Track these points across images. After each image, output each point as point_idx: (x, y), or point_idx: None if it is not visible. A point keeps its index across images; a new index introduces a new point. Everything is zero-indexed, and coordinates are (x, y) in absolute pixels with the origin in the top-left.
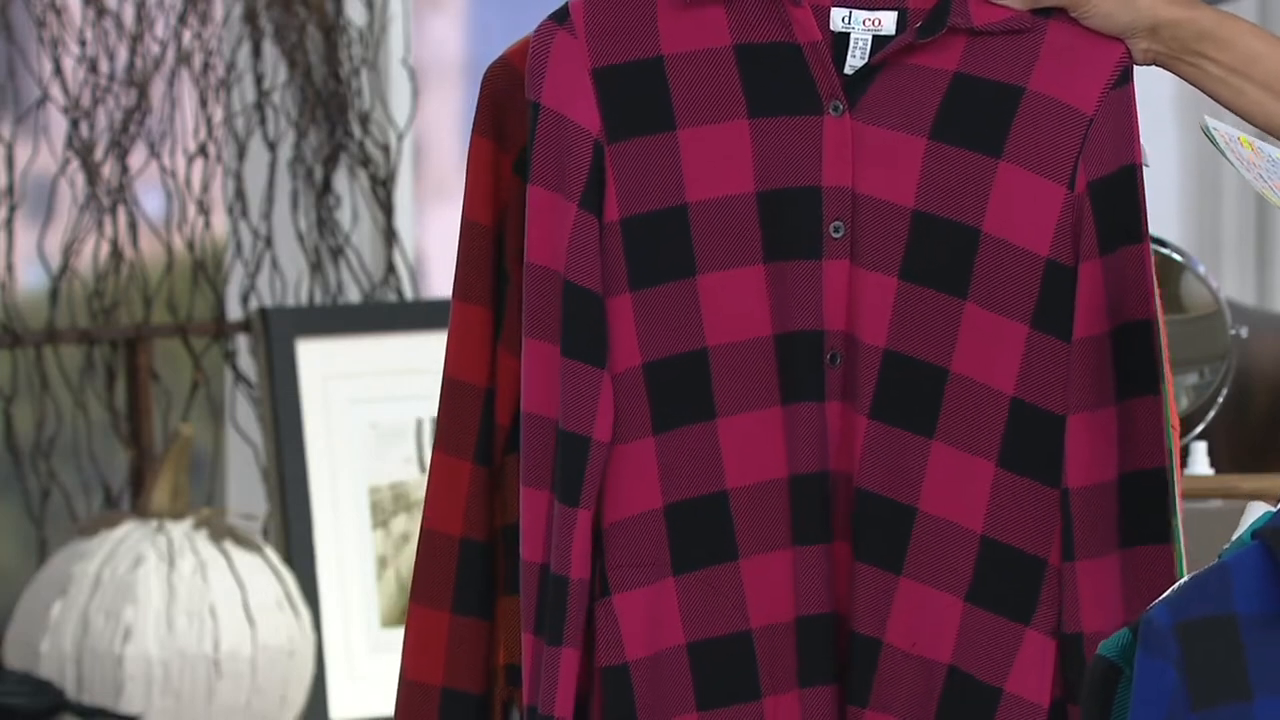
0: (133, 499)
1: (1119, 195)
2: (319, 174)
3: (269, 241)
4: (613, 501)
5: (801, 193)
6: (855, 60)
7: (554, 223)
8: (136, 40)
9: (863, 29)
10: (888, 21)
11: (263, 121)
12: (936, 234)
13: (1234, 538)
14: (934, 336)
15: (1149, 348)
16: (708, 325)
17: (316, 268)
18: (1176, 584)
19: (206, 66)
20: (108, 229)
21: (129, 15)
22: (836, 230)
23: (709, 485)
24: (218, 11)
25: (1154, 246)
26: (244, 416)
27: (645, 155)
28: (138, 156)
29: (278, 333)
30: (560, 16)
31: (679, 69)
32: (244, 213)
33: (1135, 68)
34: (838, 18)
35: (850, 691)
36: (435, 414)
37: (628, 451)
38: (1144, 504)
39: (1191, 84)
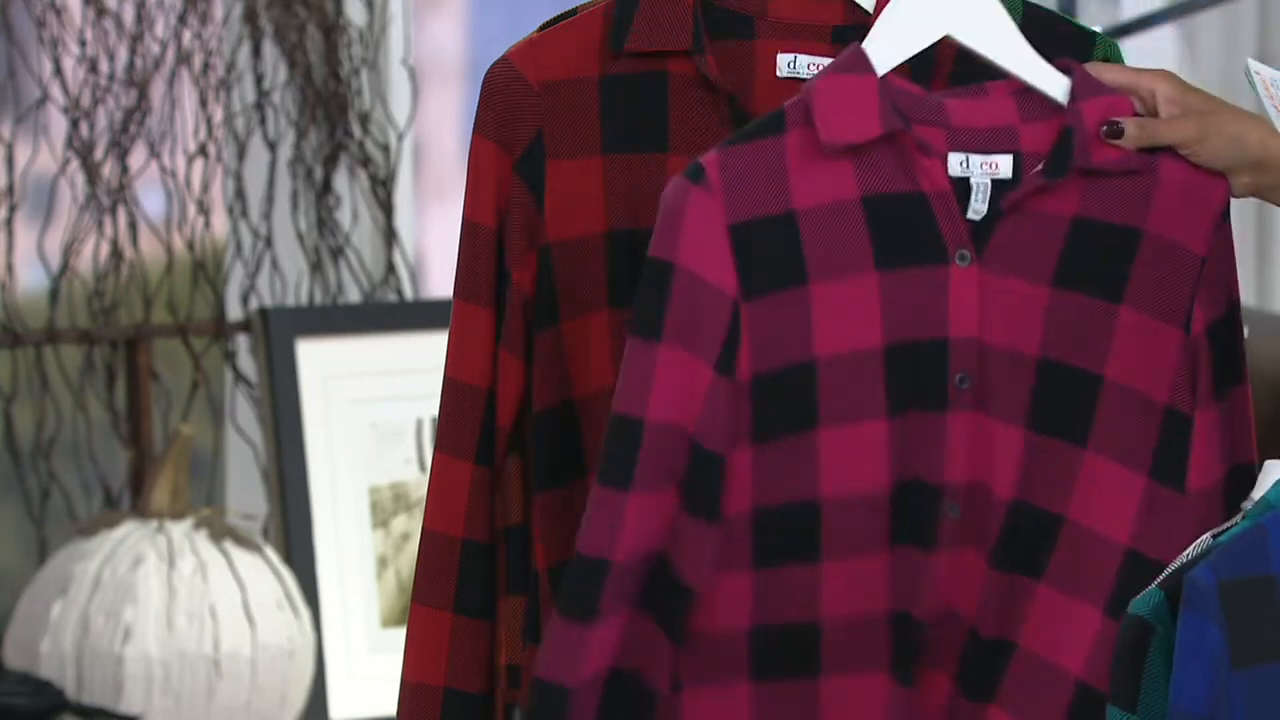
0: (133, 499)
1: (1229, 335)
2: (319, 174)
3: (269, 241)
4: (702, 616)
5: (928, 345)
6: (979, 205)
7: (686, 382)
8: (136, 40)
9: (981, 173)
10: (1004, 165)
11: (263, 121)
12: (1061, 382)
13: (1255, 496)
14: (1056, 486)
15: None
16: (824, 477)
17: (316, 268)
18: (1215, 544)
19: (206, 66)
20: (108, 229)
21: (129, 15)
22: (962, 381)
23: (806, 614)
24: (218, 11)
25: None
26: (244, 416)
27: (778, 311)
28: (138, 156)
29: (278, 333)
30: (695, 174)
31: (810, 223)
32: (244, 213)
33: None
34: (955, 163)
35: (971, 687)
36: (435, 414)
37: (727, 582)
38: None
39: None
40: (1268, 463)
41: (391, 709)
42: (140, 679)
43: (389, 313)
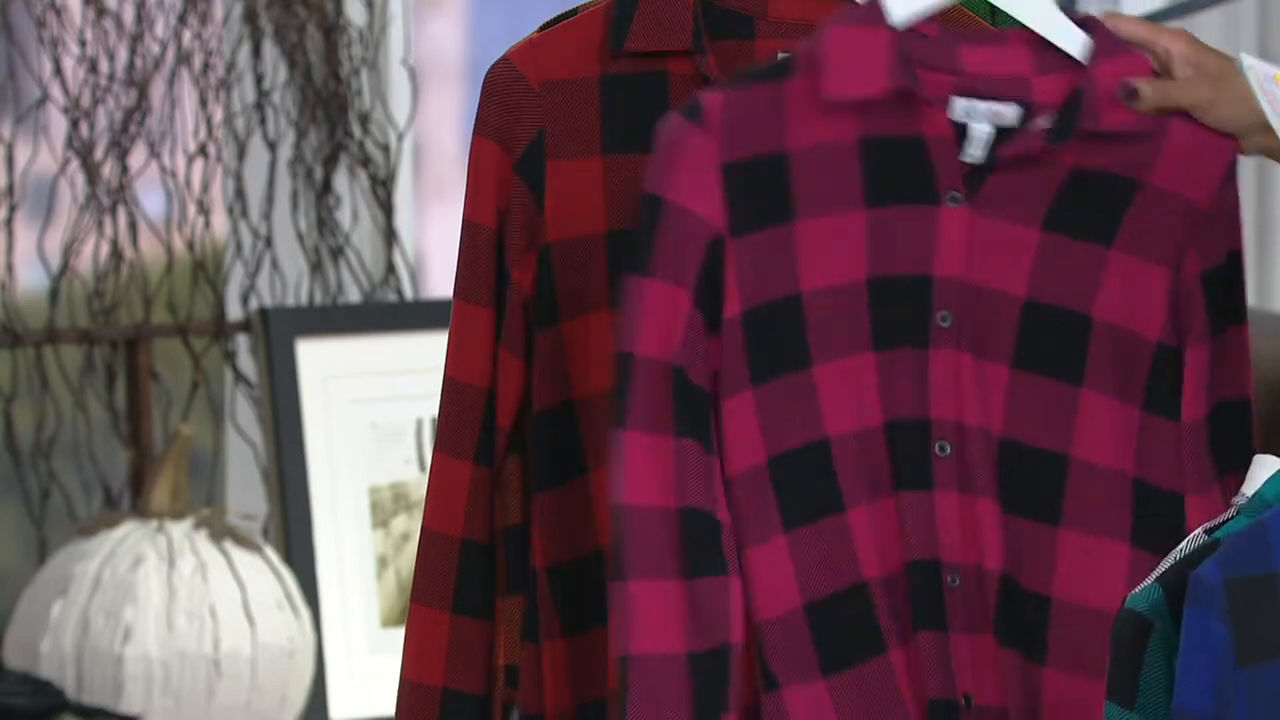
0: (133, 499)
1: (1228, 281)
2: (319, 174)
3: (269, 241)
4: (756, 604)
5: (911, 281)
6: (975, 151)
7: (669, 316)
8: (136, 40)
9: (984, 119)
10: (1010, 114)
11: (263, 121)
12: (1049, 323)
13: (1247, 491)
14: (1049, 423)
15: (1247, 426)
16: (826, 416)
17: (316, 268)
18: (1211, 540)
19: (206, 66)
20: (108, 229)
21: (129, 15)
22: (944, 319)
23: (849, 577)
24: (218, 11)
25: None
26: (244, 416)
27: (764, 247)
28: (138, 156)
29: (278, 333)
30: (692, 112)
31: (802, 162)
32: (244, 213)
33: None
34: (960, 108)
35: (1015, 641)
36: (435, 414)
37: (761, 554)
38: None
39: None
40: (1258, 457)
41: (391, 709)
42: (140, 679)
43: (389, 313)
